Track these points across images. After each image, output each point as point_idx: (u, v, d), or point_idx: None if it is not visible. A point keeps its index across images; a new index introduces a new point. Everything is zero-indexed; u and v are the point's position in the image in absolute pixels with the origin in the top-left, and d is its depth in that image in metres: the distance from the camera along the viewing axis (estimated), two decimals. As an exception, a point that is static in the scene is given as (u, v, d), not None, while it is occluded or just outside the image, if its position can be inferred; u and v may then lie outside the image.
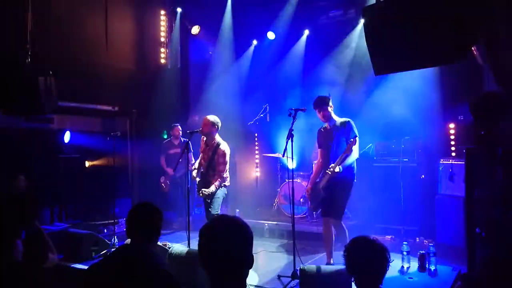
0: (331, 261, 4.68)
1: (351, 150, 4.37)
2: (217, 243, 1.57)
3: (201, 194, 4.94)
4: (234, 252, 1.57)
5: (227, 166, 5.13)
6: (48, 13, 6.24)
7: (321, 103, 4.58)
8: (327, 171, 4.40)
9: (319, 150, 4.84)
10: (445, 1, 2.77)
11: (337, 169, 4.34)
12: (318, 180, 4.72)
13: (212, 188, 4.94)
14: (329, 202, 4.57)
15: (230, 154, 5.18)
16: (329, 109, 4.59)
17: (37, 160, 6.38)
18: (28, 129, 6.55)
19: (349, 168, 4.52)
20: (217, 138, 5.15)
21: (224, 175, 5.09)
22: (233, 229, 1.60)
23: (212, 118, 5.11)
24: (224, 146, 5.10)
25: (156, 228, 2.41)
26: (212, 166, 5.10)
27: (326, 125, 4.72)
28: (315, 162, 7.16)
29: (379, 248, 2.22)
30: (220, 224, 1.64)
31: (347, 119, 4.61)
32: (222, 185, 5.11)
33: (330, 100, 4.63)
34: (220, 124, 5.15)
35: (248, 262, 1.60)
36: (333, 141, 4.58)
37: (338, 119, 4.65)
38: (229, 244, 1.57)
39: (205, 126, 5.08)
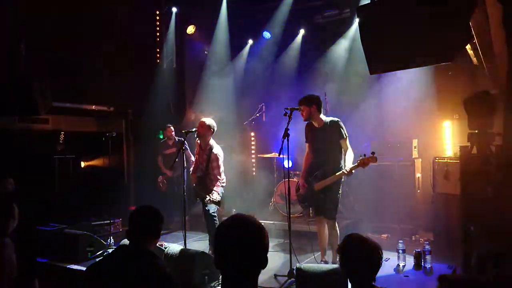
0: (325, 258, 4.72)
1: (350, 152, 4.49)
2: (233, 243, 1.57)
3: (207, 201, 4.91)
4: (250, 251, 1.56)
5: (222, 168, 5.13)
6: (42, 13, 6.20)
7: (299, 102, 4.59)
8: (343, 171, 4.42)
9: (307, 144, 4.84)
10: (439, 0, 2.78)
11: (353, 171, 4.43)
12: (308, 179, 4.72)
13: (216, 195, 4.94)
14: (323, 202, 4.60)
15: (223, 156, 5.19)
16: (315, 108, 4.57)
17: (32, 160, 6.34)
18: (22, 130, 6.52)
19: (339, 168, 4.56)
20: (211, 141, 5.15)
21: (221, 178, 5.10)
22: (249, 229, 1.60)
23: (208, 121, 5.11)
24: (217, 150, 5.11)
25: (157, 231, 2.47)
26: (209, 171, 5.11)
27: (315, 123, 4.70)
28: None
29: (372, 245, 2.25)
30: (236, 224, 1.63)
31: (335, 119, 4.62)
32: (221, 184, 5.12)
33: (318, 100, 4.62)
34: (215, 128, 5.15)
35: (263, 262, 1.60)
36: (323, 140, 4.61)
37: (326, 119, 4.65)
38: (245, 243, 1.56)
39: (201, 128, 5.08)
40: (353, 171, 4.41)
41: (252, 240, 1.57)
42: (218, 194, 4.99)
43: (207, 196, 4.88)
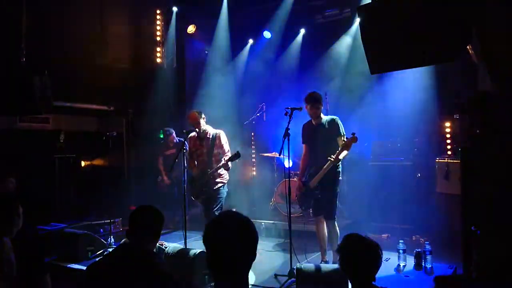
0: (326, 259, 4.72)
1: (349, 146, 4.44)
2: (222, 238, 1.60)
3: (224, 159, 4.92)
4: (239, 247, 1.59)
5: (228, 146, 5.19)
6: (43, 13, 6.20)
7: (316, 100, 4.63)
8: (330, 158, 4.41)
9: (304, 145, 4.90)
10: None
11: (341, 156, 4.41)
12: (305, 179, 4.73)
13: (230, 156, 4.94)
14: (321, 201, 4.61)
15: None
16: (321, 107, 4.66)
17: (32, 160, 6.35)
18: (23, 129, 6.52)
19: (336, 166, 4.58)
20: (208, 127, 5.23)
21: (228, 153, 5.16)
22: (238, 225, 1.63)
23: (195, 111, 5.21)
24: (218, 130, 5.22)
25: (157, 231, 2.47)
26: (213, 156, 5.12)
27: (312, 121, 4.74)
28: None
29: (371, 244, 2.26)
30: (225, 220, 1.67)
31: (334, 117, 4.69)
32: (225, 181, 5.15)
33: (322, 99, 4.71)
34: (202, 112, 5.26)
35: (251, 257, 1.64)
36: (321, 138, 4.64)
37: (325, 117, 4.72)
38: (234, 239, 1.59)
39: (194, 120, 5.13)
40: (339, 157, 4.41)
41: (239, 229, 1.62)
42: (228, 164, 4.94)
43: (224, 157, 4.91)
